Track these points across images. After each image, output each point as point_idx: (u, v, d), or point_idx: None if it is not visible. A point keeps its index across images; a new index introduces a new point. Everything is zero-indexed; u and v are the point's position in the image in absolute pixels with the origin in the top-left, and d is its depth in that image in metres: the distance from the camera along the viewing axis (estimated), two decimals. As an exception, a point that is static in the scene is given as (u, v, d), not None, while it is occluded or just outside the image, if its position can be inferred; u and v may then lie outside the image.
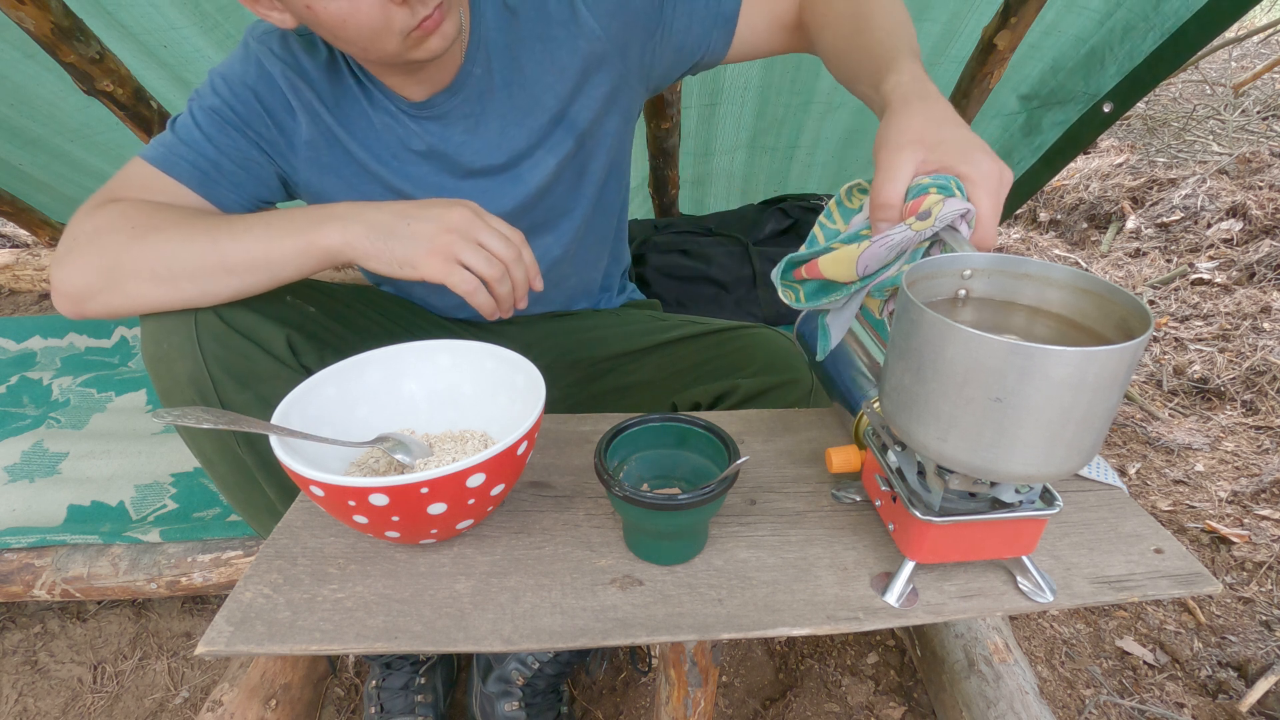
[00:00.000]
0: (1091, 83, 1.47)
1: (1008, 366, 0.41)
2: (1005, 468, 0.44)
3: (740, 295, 1.71)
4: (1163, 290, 1.99)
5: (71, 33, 1.27)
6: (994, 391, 0.42)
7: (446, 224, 0.66)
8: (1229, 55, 3.38)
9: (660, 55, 0.87)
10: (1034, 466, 0.44)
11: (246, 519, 0.81)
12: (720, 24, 0.85)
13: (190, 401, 0.70)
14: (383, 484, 0.49)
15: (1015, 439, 0.43)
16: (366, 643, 0.50)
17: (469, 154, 0.84)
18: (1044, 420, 0.42)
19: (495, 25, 0.80)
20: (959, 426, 0.44)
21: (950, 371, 0.43)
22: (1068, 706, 1.03)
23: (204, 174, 0.77)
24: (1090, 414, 0.42)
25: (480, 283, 0.67)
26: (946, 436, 0.45)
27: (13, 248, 2.19)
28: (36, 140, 1.65)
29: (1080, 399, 0.41)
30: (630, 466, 0.59)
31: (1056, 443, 0.43)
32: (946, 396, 0.44)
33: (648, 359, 0.96)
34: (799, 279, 0.62)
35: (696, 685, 0.72)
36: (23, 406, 1.46)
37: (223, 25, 1.35)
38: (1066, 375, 0.40)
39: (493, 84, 0.82)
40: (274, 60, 0.78)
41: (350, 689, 1.05)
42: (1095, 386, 0.41)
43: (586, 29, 0.81)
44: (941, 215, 0.52)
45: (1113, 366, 0.40)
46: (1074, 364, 0.40)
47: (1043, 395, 0.41)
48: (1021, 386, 0.41)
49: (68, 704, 1.05)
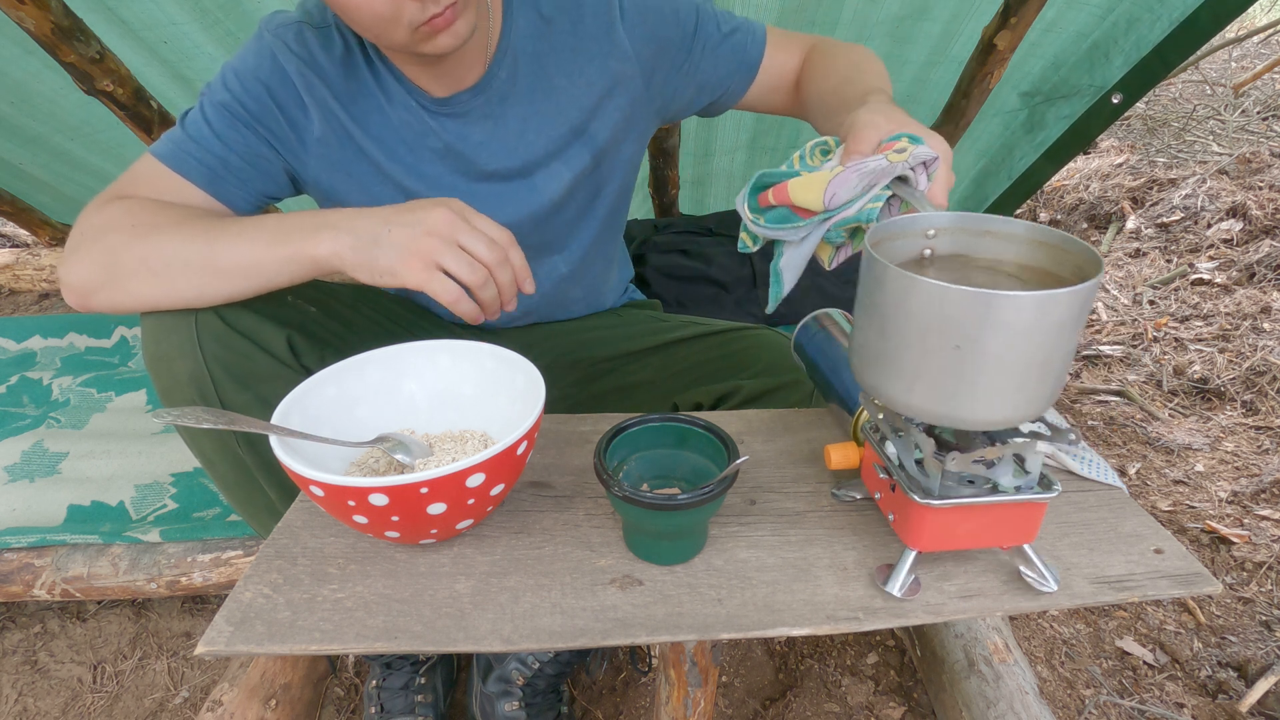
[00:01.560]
0: (1097, 76, 1.47)
1: (966, 314, 0.42)
2: (970, 414, 0.46)
3: (740, 295, 1.71)
4: (1163, 290, 1.99)
5: (71, 32, 1.27)
6: (954, 339, 0.43)
7: (427, 227, 0.63)
8: (1229, 55, 3.38)
9: (682, 89, 0.89)
10: (996, 411, 0.46)
11: (246, 519, 0.81)
12: (743, 70, 0.88)
13: (190, 401, 0.70)
14: (382, 484, 0.49)
15: (976, 385, 0.44)
16: (366, 643, 0.50)
17: (485, 155, 0.84)
18: (1003, 365, 0.43)
19: (527, 33, 0.81)
20: (924, 378, 0.46)
21: (913, 323, 0.45)
22: (1068, 706, 1.03)
23: (212, 171, 0.77)
24: (1048, 358, 0.44)
25: (463, 289, 0.64)
26: (913, 388, 0.47)
27: (13, 248, 2.19)
28: (37, 138, 1.65)
29: (1036, 342, 0.43)
30: (630, 466, 0.59)
31: (1016, 387, 0.44)
32: (910, 348, 0.45)
33: (648, 360, 0.96)
34: (765, 206, 0.63)
35: (696, 685, 0.72)
36: (23, 406, 1.46)
37: (223, 22, 1.35)
38: (1021, 320, 0.42)
39: (516, 89, 0.82)
40: (289, 54, 0.77)
41: (350, 689, 1.05)
42: (1050, 329, 0.42)
43: (620, 48, 0.82)
44: (915, 154, 0.57)
45: (1064, 309, 0.42)
46: (1028, 308, 0.41)
47: (1000, 341, 0.42)
48: (980, 333, 0.42)
49: (68, 704, 1.05)
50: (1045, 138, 1.66)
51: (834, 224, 0.60)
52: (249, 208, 0.81)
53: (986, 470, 0.51)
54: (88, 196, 1.94)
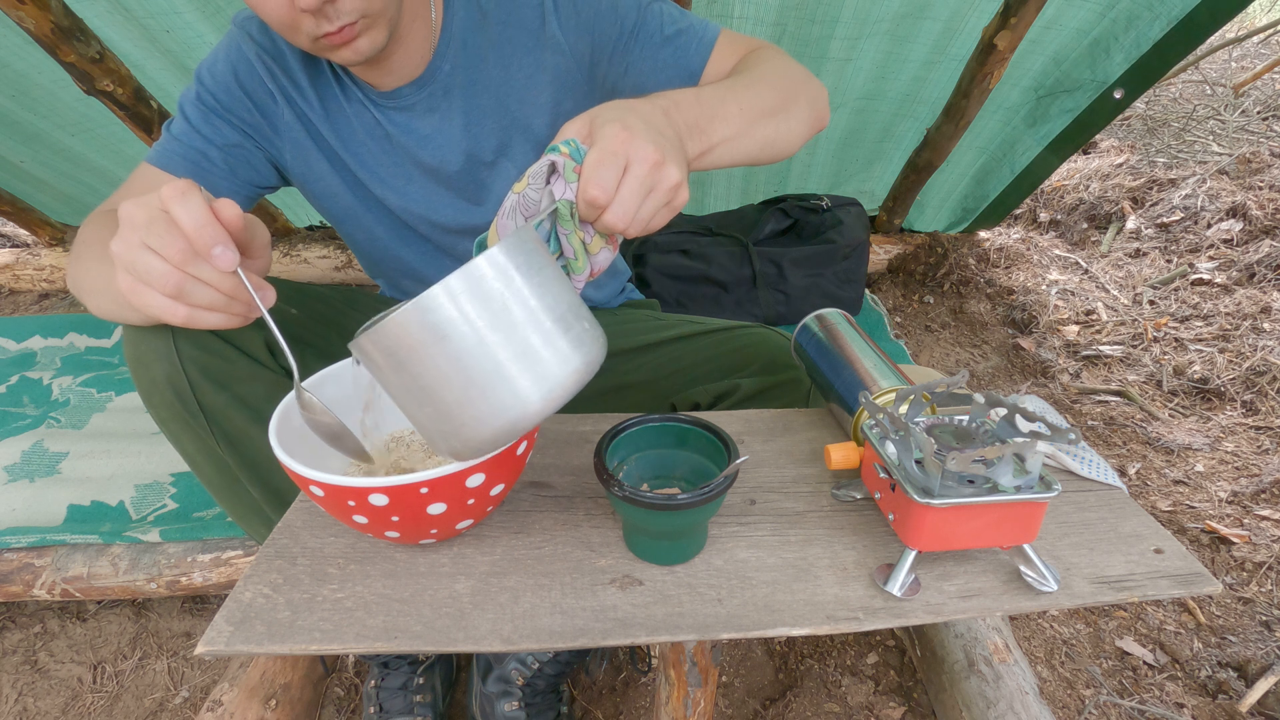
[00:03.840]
0: (1099, 70, 1.47)
1: (376, 361, 0.45)
2: (477, 430, 0.46)
3: (740, 295, 1.71)
4: (1163, 290, 1.99)
5: (71, 32, 1.27)
6: (401, 380, 0.45)
7: (117, 238, 0.49)
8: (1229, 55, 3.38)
9: (621, 87, 0.84)
10: (504, 411, 0.45)
11: (234, 519, 0.82)
12: (683, 77, 0.81)
13: (168, 402, 0.70)
14: (382, 484, 0.49)
15: (456, 397, 0.45)
16: (366, 643, 0.50)
17: (431, 150, 0.84)
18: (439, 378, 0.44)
19: (465, 24, 0.80)
20: (431, 419, 0.46)
21: (392, 384, 0.46)
22: (1068, 707, 1.03)
23: (195, 165, 0.78)
24: (478, 349, 0.43)
25: (174, 302, 0.49)
26: (443, 433, 0.47)
27: (13, 248, 2.19)
28: (37, 135, 1.65)
29: (436, 350, 0.43)
30: (630, 466, 0.59)
31: (486, 380, 0.44)
32: (408, 403, 0.47)
33: (646, 358, 0.95)
34: None
35: (696, 685, 0.72)
36: (23, 406, 1.46)
37: (225, 10, 1.35)
38: (397, 340, 0.44)
39: (458, 82, 0.82)
40: (251, 45, 0.79)
41: (350, 689, 1.05)
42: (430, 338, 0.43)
43: (553, 41, 0.81)
44: (532, 172, 0.53)
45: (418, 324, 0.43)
46: (405, 325, 0.43)
47: (414, 356, 0.44)
48: (399, 362, 0.44)
49: (68, 704, 1.05)
50: (1049, 131, 1.66)
51: (534, 220, 0.54)
52: (241, 200, 0.82)
53: (986, 470, 0.51)
54: (88, 195, 1.95)
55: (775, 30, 1.45)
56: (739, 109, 0.66)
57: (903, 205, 1.98)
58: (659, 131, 0.54)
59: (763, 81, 0.71)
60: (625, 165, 0.51)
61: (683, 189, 0.55)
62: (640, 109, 0.56)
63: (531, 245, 0.47)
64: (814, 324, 0.75)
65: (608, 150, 0.51)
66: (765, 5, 1.40)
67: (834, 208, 1.77)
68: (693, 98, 0.63)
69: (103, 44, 1.33)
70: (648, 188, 0.52)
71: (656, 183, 0.52)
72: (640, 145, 0.51)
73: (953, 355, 1.83)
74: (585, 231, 0.55)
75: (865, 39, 1.48)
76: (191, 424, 0.72)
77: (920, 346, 1.86)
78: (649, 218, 0.54)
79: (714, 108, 0.64)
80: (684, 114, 0.61)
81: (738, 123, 0.65)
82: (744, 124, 0.66)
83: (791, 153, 0.74)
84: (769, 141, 0.70)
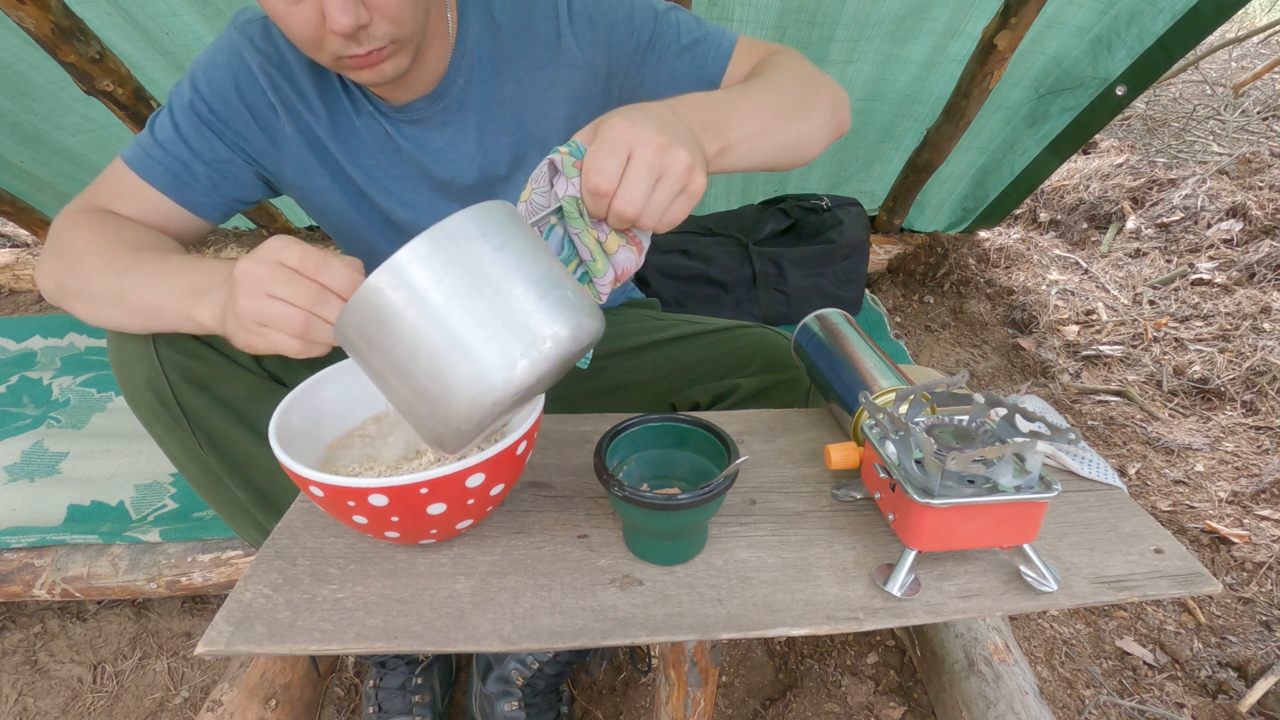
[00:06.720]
0: (1100, 67, 1.47)
1: (354, 343, 0.46)
2: (459, 404, 0.45)
3: (740, 295, 1.71)
4: (1163, 290, 1.99)
5: (72, 32, 1.27)
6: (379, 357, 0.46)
7: (235, 284, 0.55)
8: (1229, 55, 3.38)
9: (638, 98, 0.83)
10: (475, 381, 0.45)
11: (223, 519, 0.82)
12: (702, 85, 0.80)
13: (150, 405, 0.70)
14: (382, 484, 0.49)
15: (425, 370, 0.45)
16: (366, 643, 0.50)
17: (444, 164, 0.83)
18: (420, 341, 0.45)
19: (480, 38, 0.79)
20: (410, 401, 0.47)
21: (372, 365, 0.47)
22: (1068, 707, 1.03)
23: (176, 177, 0.76)
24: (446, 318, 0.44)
25: (297, 340, 0.55)
26: (423, 416, 0.47)
27: (13, 248, 2.19)
28: (37, 135, 1.65)
29: (414, 314, 0.44)
30: (630, 466, 0.59)
31: (454, 353, 0.44)
32: (387, 386, 0.47)
33: (646, 358, 0.95)
34: None
35: (696, 685, 0.72)
36: (23, 406, 1.46)
37: (224, 13, 1.35)
38: (363, 315, 0.45)
39: (473, 96, 0.81)
40: (254, 52, 0.75)
41: (350, 689, 1.05)
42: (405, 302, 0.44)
43: (569, 54, 0.80)
44: (534, 176, 0.53)
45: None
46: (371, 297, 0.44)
47: (383, 329, 0.45)
48: (369, 339, 0.45)
49: (68, 704, 1.05)
50: (1049, 130, 1.66)
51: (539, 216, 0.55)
52: (217, 214, 0.81)
53: (986, 470, 0.51)
54: (87, 196, 1.94)
55: (775, 33, 1.45)
56: (754, 108, 0.65)
57: (903, 205, 1.98)
58: (664, 121, 0.53)
59: (780, 83, 0.70)
60: (628, 152, 0.50)
61: (697, 172, 0.53)
62: (646, 107, 0.56)
63: (500, 215, 0.46)
64: (814, 324, 0.75)
65: (607, 139, 0.51)
66: (765, 8, 1.39)
67: (834, 208, 1.77)
68: (703, 98, 0.62)
69: (103, 44, 1.33)
70: (655, 172, 0.51)
71: (666, 167, 0.51)
72: (642, 131, 0.51)
73: (953, 355, 1.83)
74: (600, 230, 0.55)
75: (865, 40, 1.48)
76: (174, 426, 0.72)
77: (920, 346, 1.86)
78: (664, 205, 0.52)
79: (728, 107, 0.63)
80: (695, 113, 0.59)
81: (755, 122, 0.64)
82: (762, 123, 0.65)
83: (813, 156, 0.72)
84: (790, 144, 0.68)
